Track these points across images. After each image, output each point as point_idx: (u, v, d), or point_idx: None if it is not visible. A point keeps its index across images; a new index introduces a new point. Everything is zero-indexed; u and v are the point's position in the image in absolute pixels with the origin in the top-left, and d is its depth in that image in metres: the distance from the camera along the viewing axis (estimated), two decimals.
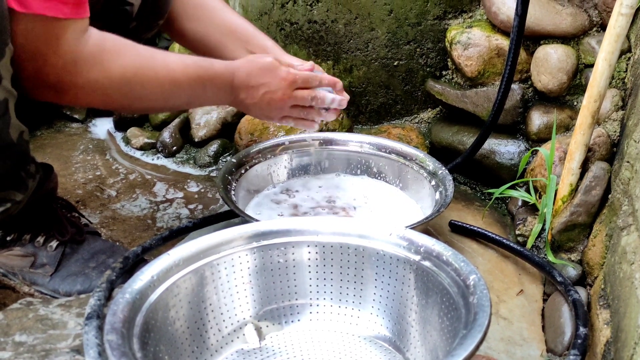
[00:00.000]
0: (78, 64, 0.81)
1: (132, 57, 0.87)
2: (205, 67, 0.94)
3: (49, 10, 0.76)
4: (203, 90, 0.95)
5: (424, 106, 1.55)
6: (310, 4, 1.47)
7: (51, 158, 1.47)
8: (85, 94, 0.84)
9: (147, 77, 0.88)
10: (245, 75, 0.98)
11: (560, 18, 1.27)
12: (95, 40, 0.83)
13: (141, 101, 0.91)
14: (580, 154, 1.08)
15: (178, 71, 0.90)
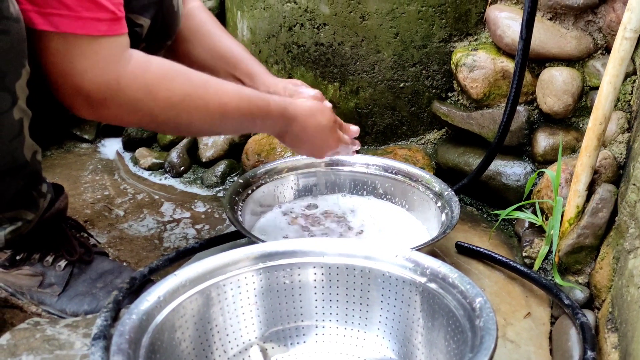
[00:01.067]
0: (121, 81, 0.79)
1: (182, 81, 0.86)
2: (261, 106, 0.94)
3: (82, 28, 0.76)
4: (252, 124, 0.96)
5: (430, 127, 1.56)
6: (317, 27, 1.49)
7: (61, 178, 1.48)
8: (129, 114, 0.83)
9: (196, 105, 0.86)
10: (301, 127, 1.01)
11: (565, 41, 1.28)
12: (138, 60, 0.82)
13: (188, 127, 0.89)
14: (587, 176, 1.08)
15: (231, 104, 0.89)
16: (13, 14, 0.71)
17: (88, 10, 0.76)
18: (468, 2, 1.44)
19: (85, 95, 0.79)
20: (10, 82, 0.75)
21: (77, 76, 0.78)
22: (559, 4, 1.27)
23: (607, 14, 1.25)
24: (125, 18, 1.09)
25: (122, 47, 0.81)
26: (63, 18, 0.75)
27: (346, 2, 1.43)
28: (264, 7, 1.55)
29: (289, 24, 1.52)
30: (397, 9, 1.42)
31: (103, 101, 0.80)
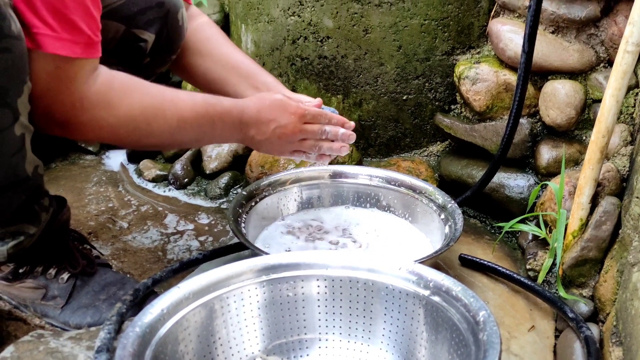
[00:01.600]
0: (84, 102, 0.83)
1: (140, 95, 0.88)
2: (214, 104, 0.96)
3: (61, 49, 0.78)
4: (211, 128, 0.96)
5: (433, 139, 1.57)
6: (320, 40, 1.50)
7: (65, 190, 1.49)
8: (92, 131, 0.86)
9: (154, 115, 0.89)
10: (255, 111, 0.99)
11: (567, 54, 1.28)
12: (103, 79, 0.85)
13: (148, 138, 0.91)
14: (590, 189, 1.08)
15: (186, 109, 0.92)
16: (15, 32, 0.72)
17: (68, 32, 0.79)
18: (470, 16, 1.44)
19: (51, 116, 0.82)
20: (11, 98, 0.76)
21: (47, 97, 0.81)
22: (561, 17, 1.28)
23: (609, 27, 1.26)
24: (130, 33, 1.10)
25: (92, 69, 0.84)
26: (47, 38, 0.77)
27: (349, 15, 1.45)
28: (268, 20, 1.57)
29: (292, 37, 1.53)
30: (399, 23, 1.43)
31: (68, 121, 0.83)
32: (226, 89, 1.17)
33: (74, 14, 0.78)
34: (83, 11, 0.80)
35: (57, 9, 0.77)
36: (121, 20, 1.08)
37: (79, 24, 0.79)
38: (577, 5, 1.26)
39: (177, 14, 1.13)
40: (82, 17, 0.80)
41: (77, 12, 0.79)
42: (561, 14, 1.28)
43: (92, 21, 0.82)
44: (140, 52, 1.11)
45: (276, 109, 1.01)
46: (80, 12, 0.79)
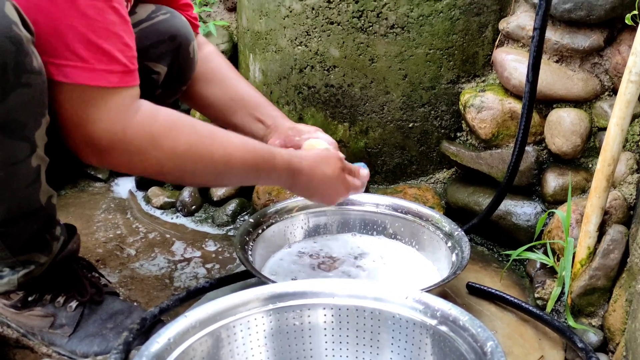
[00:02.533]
0: (127, 131, 0.81)
1: (187, 132, 0.86)
2: (266, 159, 0.94)
3: (95, 80, 0.78)
4: (256, 177, 0.96)
5: (440, 167, 1.57)
6: (327, 69, 1.52)
7: (74, 217, 1.50)
8: (134, 162, 0.84)
9: (201, 155, 0.87)
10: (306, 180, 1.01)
11: (572, 83, 1.29)
12: (147, 110, 0.84)
13: (192, 177, 0.90)
14: (597, 217, 1.08)
15: (236, 156, 0.90)
16: (36, 67, 0.74)
17: (101, 63, 0.78)
18: (475, 45, 1.46)
19: (93, 144, 0.81)
20: (30, 131, 0.77)
21: (87, 126, 0.80)
22: (565, 46, 1.30)
23: (613, 56, 1.27)
24: (143, 65, 1.13)
25: (132, 98, 0.83)
26: (77, 70, 0.77)
27: (355, 45, 1.47)
28: (275, 50, 1.59)
29: (299, 66, 1.56)
30: (405, 52, 1.45)
31: (110, 150, 0.81)
32: (232, 120, 1.19)
33: (107, 43, 0.78)
34: (117, 40, 0.80)
35: (89, 40, 0.77)
36: None
37: (113, 53, 0.79)
38: (580, 35, 1.28)
39: (188, 46, 1.16)
40: (116, 46, 0.79)
41: (111, 41, 0.79)
42: (565, 43, 1.29)
43: (127, 49, 0.82)
44: (152, 83, 1.13)
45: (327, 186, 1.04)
46: (114, 41, 0.79)
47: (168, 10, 1.18)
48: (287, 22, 1.53)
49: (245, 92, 1.20)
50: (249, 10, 1.67)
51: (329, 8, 1.46)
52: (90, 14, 0.77)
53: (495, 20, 1.45)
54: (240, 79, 1.23)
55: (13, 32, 0.70)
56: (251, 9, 1.65)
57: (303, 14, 1.50)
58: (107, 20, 0.79)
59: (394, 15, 1.42)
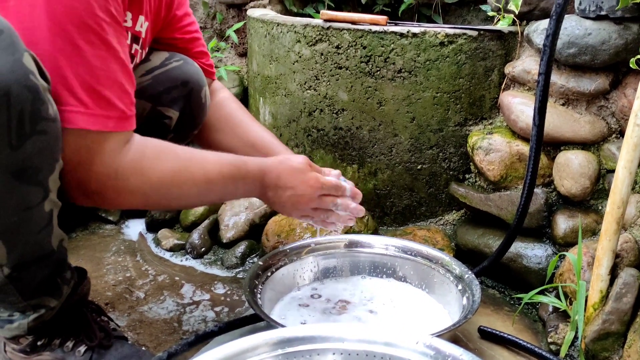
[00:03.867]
0: (119, 172, 0.85)
1: (170, 161, 0.91)
2: (239, 166, 0.99)
3: (94, 124, 0.81)
4: (235, 187, 0.99)
5: (449, 208, 1.57)
6: (336, 112, 1.54)
7: (84, 260, 1.51)
8: (126, 198, 0.88)
9: (184, 179, 0.91)
10: (275, 176, 1.02)
11: (579, 125, 1.30)
12: (136, 147, 0.87)
13: (178, 200, 0.95)
14: (608, 260, 1.07)
15: (214, 172, 0.95)
16: (51, 115, 0.76)
17: (101, 108, 0.82)
18: (482, 89, 1.49)
19: (84, 187, 0.84)
20: (44, 177, 0.78)
21: (81, 169, 0.83)
22: (571, 90, 1.31)
23: (619, 99, 1.28)
24: (155, 110, 1.16)
25: (125, 141, 0.86)
26: (79, 115, 0.81)
27: (363, 89, 1.50)
28: (285, 94, 1.63)
29: (309, 109, 1.58)
30: (412, 95, 1.48)
31: (100, 191, 0.85)
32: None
33: (108, 90, 0.82)
34: (117, 87, 0.84)
35: (92, 87, 0.81)
36: (148, 99, 1.14)
37: (112, 99, 0.83)
38: (585, 79, 1.30)
39: (200, 92, 1.18)
40: (115, 93, 0.83)
41: (112, 88, 0.83)
42: (570, 87, 1.31)
43: (126, 96, 0.86)
44: (164, 128, 1.15)
45: (296, 177, 1.03)
46: (114, 89, 0.83)
47: (181, 57, 1.21)
48: (296, 67, 1.57)
49: (257, 137, 1.22)
50: (260, 55, 1.71)
51: (337, 53, 1.50)
52: (94, 63, 0.81)
53: (501, 64, 1.48)
54: (253, 122, 1.25)
55: (30, 82, 0.73)
56: (261, 55, 1.69)
57: (312, 59, 1.53)
58: (110, 69, 0.83)
59: (401, 60, 1.45)
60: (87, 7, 0.79)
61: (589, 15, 1.26)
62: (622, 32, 1.22)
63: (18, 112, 0.72)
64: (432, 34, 1.43)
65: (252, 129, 1.23)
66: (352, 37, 1.47)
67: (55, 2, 0.77)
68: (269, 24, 1.64)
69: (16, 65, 0.71)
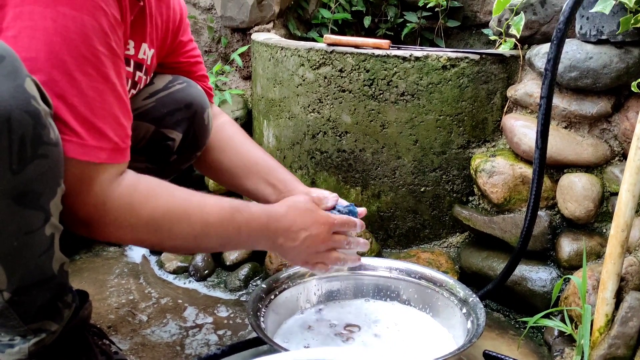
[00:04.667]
0: (107, 204, 0.84)
1: (164, 197, 0.89)
2: (241, 210, 0.95)
3: (85, 155, 0.81)
4: (237, 233, 0.95)
5: (452, 231, 1.57)
6: (339, 135, 1.55)
7: (87, 282, 1.51)
8: (114, 231, 0.86)
9: (178, 218, 0.89)
10: (285, 220, 0.99)
11: (582, 148, 1.31)
12: (128, 182, 0.87)
13: (171, 241, 0.91)
14: (613, 284, 1.07)
15: (212, 214, 0.91)
16: (53, 139, 0.77)
17: (94, 139, 0.82)
18: (484, 112, 1.49)
19: (74, 215, 0.83)
20: (45, 201, 0.79)
21: (70, 197, 0.82)
22: (573, 113, 1.32)
23: (621, 122, 1.29)
24: (159, 132, 1.16)
25: (117, 173, 0.86)
26: (71, 144, 0.81)
27: (367, 112, 1.51)
28: (289, 116, 1.64)
29: (312, 132, 1.59)
30: (415, 118, 1.49)
31: (90, 222, 0.84)
32: (244, 185, 1.21)
33: (102, 122, 0.83)
34: (112, 120, 0.84)
35: (86, 118, 0.81)
36: (151, 121, 1.15)
37: (106, 131, 0.83)
38: (587, 102, 1.30)
39: (203, 114, 1.19)
40: (110, 125, 0.84)
41: (106, 120, 0.83)
42: (572, 110, 1.31)
43: (121, 129, 0.86)
44: (168, 150, 1.16)
45: (308, 218, 1.01)
46: (109, 121, 0.83)
47: (184, 80, 1.23)
48: (300, 90, 1.58)
49: (258, 157, 1.22)
50: (264, 79, 1.73)
51: (340, 77, 1.51)
52: (90, 95, 0.81)
53: (503, 87, 1.49)
54: (253, 145, 1.26)
55: (32, 107, 0.74)
56: (266, 78, 1.71)
57: (316, 83, 1.55)
58: (106, 101, 0.83)
59: (404, 83, 1.46)
60: (85, 40, 0.80)
61: (590, 39, 1.27)
62: (623, 56, 1.23)
63: (19, 137, 0.72)
64: (434, 58, 1.45)
65: (251, 150, 1.24)
66: (355, 60, 1.48)
67: (54, 34, 0.78)
68: (273, 47, 1.66)
69: (18, 90, 0.72)
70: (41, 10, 0.77)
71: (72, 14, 0.78)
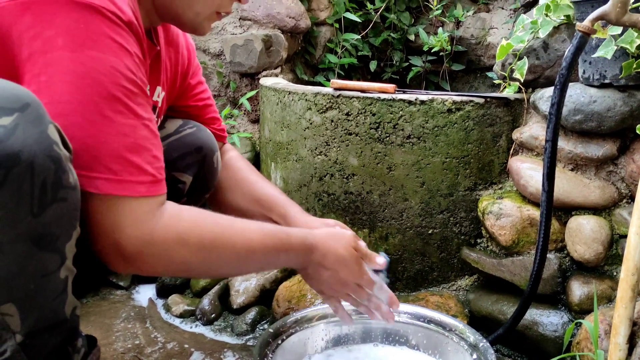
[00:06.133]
0: (154, 235, 0.84)
1: (210, 225, 0.90)
2: (283, 239, 0.98)
3: (123, 190, 0.82)
4: (275, 259, 0.99)
5: (461, 273, 1.56)
6: (346, 177, 1.56)
7: (94, 326, 1.50)
8: (163, 263, 0.87)
9: (225, 245, 0.91)
10: (321, 255, 1.02)
11: (589, 190, 1.31)
12: (172, 212, 0.88)
13: (218, 268, 0.94)
14: (626, 329, 1.05)
15: (256, 241, 0.94)
16: (72, 183, 0.78)
17: (131, 175, 0.83)
18: (490, 154, 1.50)
19: (120, 251, 0.83)
20: (61, 244, 0.80)
21: (115, 234, 0.83)
22: (579, 156, 1.32)
23: (628, 164, 1.29)
24: (170, 176, 1.18)
25: (158, 205, 0.87)
26: (108, 182, 0.82)
27: (373, 154, 1.52)
28: (296, 159, 1.65)
29: (319, 174, 1.60)
30: (422, 161, 1.50)
31: (137, 255, 0.84)
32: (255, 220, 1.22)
33: (137, 156, 0.84)
34: (147, 153, 0.85)
35: (120, 154, 0.82)
36: None
37: (142, 165, 0.84)
38: (593, 145, 1.31)
39: (212, 157, 1.21)
40: (145, 159, 0.85)
41: (141, 154, 0.84)
42: (578, 152, 1.32)
43: (156, 161, 0.87)
44: (178, 193, 1.17)
45: (340, 262, 1.04)
46: (143, 154, 0.85)
47: (194, 124, 1.25)
48: (307, 133, 1.60)
49: (261, 193, 1.24)
50: (271, 122, 1.75)
51: (347, 120, 1.53)
52: (124, 131, 0.84)
53: (508, 130, 1.50)
54: (259, 179, 1.28)
55: (54, 152, 0.75)
56: (273, 121, 1.74)
57: (323, 126, 1.57)
58: (139, 136, 0.85)
59: (410, 126, 1.48)
60: (113, 80, 0.83)
61: (593, 83, 1.29)
62: (627, 99, 1.25)
63: (41, 181, 0.74)
64: (439, 101, 1.47)
65: (258, 185, 1.25)
66: (362, 104, 1.51)
67: (83, 76, 0.81)
68: (280, 92, 1.69)
69: (42, 136, 0.74)
70: (69, 55, 0.80)
71: (98, 56, 0.81)
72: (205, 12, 0.99)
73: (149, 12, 0.99)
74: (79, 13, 0.80)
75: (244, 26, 2.14)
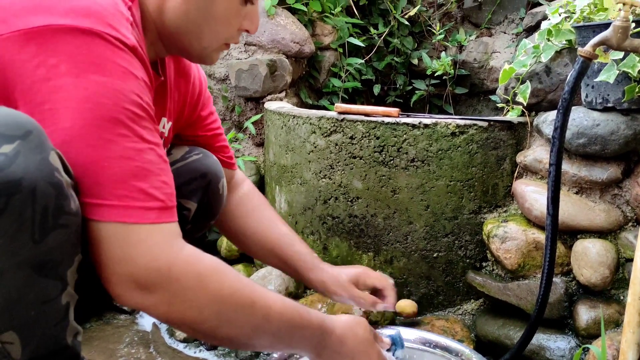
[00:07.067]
0: (173, 268, 0.79)
1: (232, 277, 0.85)
2: (302, 314, 0.91)
3: (130, 217, 0.79)
4: (290, 336, 0.91)
5: (467, 297, 1.55)
6: (350, 200, 1.56)
7: (97, 351, 1.49)
8: (176, 302, 0.80)
9: (243, 302, 0.84)
10: (338, 340, 0.96)
11: (594, 214, 1.30)
12: (192, 250, 0.83)
13: (229, 328, 0.85)
14: (634, 354, 1.04)
15: (275, 308, 0.88)
16: (73, 209, 0.78)
17: (137, 200, 0.80)
18: (494, 177, 1.51)
19: (134, 282, 0.79)
20: (63, 270, 0.79)
21: (127, 263, 0.79)
22: (583, 179, 1.32)
23: (633, 188, 1.29)
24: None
25: (172, 234, 0.83)
26: (113, 208, 0.79)
27: (377, 177, 1.52)
28: (300, 182, 1.66)
29: (324, 197, 1.61)
30: (426, 184, 1.50)
31: (152, 288, 0.79)
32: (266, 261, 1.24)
33: (144, 182, 0.81)
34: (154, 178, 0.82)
35: (126, 180, 0.79)
36: None
37: (150, 190, 0.81)
38: (597, 168, 1.31)
39: (218, 184, 1.21)
40: (153, 184, 0.82)
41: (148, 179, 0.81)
42: (582, 176, 1.32)
43: (166, 186, 0.83)
44: (183, 219, 1.17)
45: (359, 349, 0.98)
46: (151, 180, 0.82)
47: (201, 150, 1.26)
48: (311, 156, 1.61)
49: (276, 238, 1.23)
50: (276, 146, 1.76)
51: (351, 144, 1.54)
52: (128, 155, 0.81)
53: (512, 153, 1.50)
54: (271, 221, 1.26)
55: (55, 178, 0.75)
56: (278, 145, 1.75)
57: (327, 149, 1.57)
58: (145, 160, 0.82)
59: (414, 149, 1.49)
60: (116, 102, 0.81)
61: (596, 107, 1.29)
62: (630, 122, 1.25)
63: (42, 207, 0.74)
64: (443, 125, 1.48)
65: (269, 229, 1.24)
66: (366, 128, 1.52)
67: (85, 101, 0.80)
68: (285, 116, 1.70)
69: (43, 163, 0.74)
70: (72, 81, 0.78)
71: (102, 80, 0.80)
72: (214, 45, 0.99)
73: (154, 42, 0.99)
74: (81, 39, 0.79)
75: (249, 51, 2.16)
